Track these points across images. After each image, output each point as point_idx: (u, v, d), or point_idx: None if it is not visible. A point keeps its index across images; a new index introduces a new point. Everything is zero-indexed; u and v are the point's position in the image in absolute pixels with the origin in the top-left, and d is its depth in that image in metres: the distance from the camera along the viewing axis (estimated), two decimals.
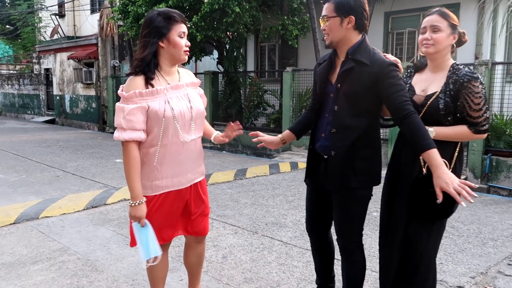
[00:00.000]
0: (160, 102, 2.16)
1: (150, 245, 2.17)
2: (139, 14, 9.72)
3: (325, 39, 2.31)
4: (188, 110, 2.25)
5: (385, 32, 10.46)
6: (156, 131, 2.17)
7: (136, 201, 2.15)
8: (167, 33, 2.16)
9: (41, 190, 6.03)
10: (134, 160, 2.15)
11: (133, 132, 2.12)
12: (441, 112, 2.16)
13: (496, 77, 6.80)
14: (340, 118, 2.29)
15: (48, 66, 18.54)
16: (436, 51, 2.20)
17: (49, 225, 4.50)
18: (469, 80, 2.10)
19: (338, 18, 2.21)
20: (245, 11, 9.17)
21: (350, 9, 2.20)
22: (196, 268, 2.65)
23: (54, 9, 19.26)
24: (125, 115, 2.11)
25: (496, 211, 5.06)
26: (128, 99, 2.12)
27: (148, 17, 2.20)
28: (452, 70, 2.19)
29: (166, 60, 2.23)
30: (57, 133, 14.21)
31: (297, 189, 6.11)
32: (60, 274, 3.33)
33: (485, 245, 3.96)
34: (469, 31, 9.14)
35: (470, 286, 3.16)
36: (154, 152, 2.21)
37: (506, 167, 6.37)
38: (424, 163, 2.20)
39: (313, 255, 2.74)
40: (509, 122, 6.91)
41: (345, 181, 2.30)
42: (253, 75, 11.70)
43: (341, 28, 2.23)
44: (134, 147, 2.14)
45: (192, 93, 2.34)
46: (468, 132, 2.15)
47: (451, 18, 2.20)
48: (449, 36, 2.20)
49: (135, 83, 2.14)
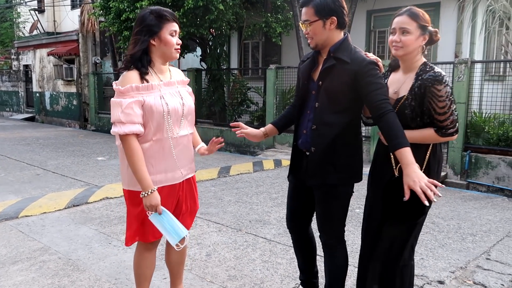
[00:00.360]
0: (155, 97, 2.19)
1: (175, 228, 2.19)
2: (121, 10, 9.60)
3: (310, 43, 2.34)
4: (180, 106, 2.29)
5: (367, 30, 10.55)
6: (150, 125, 2.20)
7: (148, 191, 2.16)
8: (158, 31, 2.20)
9: (21, 189, 5.91)
10: (137, 152, 2.16)
11: (132, 125, 2.13)
12: (408, 116, 2.16)
13: (476, 75, 6.93)
14: (320, 115, 2.32)
15: (27, 62, 18.17)
16: (405, 54, 2.19)
17: (29, 225, 4.42)
18: (432, 84, 2.07)
19: (321, 21, 2.24)
20: (228, 8, 9.14)
21: (331, 10, 2.22)
22: (178, 267, 2.64)
23: (33, 4, 18.88)
24: (123, 109, 2.11)
25: (475, 207, 5.17)
26: (124, 93, 2.14)
27: (141, 15, 2.24)
28: (419, 72, 2.16)
29: (158, 57, 2.27)
30: (37, 130, 13.95)
31: (281, 186, 6.13)
32: (40, 274, 3.28)
33: (464, 240, 4.04)
34: (449, 30, 9.34)
35: (450, 280, 3.22)
36: (148, 147, 2.23)
37: (485, 163, 6.51)
38: (396, 165, 2.22)
39: (295, 252, 2.77)
40: (488, 119, 7.06)
41: (326, 178, 2.33)
42: (237, 73, 11.67)
43: (324, 30, 2.26)
44: (134, 140, 2.16)
45: (183, 91, 2.38)
46: (434, 135, 2.12)
47: (421, 18, 2.16)
48: (419, 38, 2.16)
49: (130, 77, 2.17)
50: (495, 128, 6.94)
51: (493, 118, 7.11)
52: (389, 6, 9.93)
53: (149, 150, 2.23)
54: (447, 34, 9.23)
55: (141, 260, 2.44)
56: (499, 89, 7.10)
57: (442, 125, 2.11)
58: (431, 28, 2.20)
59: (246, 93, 10.88)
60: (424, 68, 2.16)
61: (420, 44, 2.18)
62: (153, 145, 2.23)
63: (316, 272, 2.76)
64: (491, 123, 7.04)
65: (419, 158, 2.14)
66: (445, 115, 2.09)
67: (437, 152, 2.24)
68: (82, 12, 14.23)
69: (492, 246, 3.91)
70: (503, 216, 4.78)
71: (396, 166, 2.22)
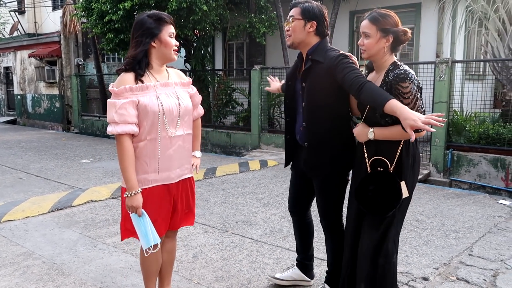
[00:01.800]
0: (150, 97, 2.26)
1: (149, 233, 2.27)
2: (103, 11, 9.51)
3: (287, 40, 2.60)
4: (176, 106, 2.34)
5: (350, 30, 10.65)
6: (145, 125, 2.27)
7: (132, 192, 2.23)
8: (158, 33, 2.29)
9: (3, 193, 5.81)
10: (128, 152, 2.23)
11: (125, 125, 2.20)
12: (376, 114, 2.22)
13: (456, 74, 7.07)
14: (308, 113, 2.55)
15: (8, 64, 17.85)
16: (369, 56, 2.30)
17: (11, 229, 4.35)
18: (397, 82, 2.13)
19: (303, 21, 2.50)
20: (212, 9, 9.13)
21: (314, 16, 2.49)
22: (167, 267, 2.65)
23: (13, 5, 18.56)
24: (117, 109, 2.19)
25: (457, 204, 5.26)
26: (119, 94, 2.21)
27: (139, 19, 2.31)
28: (387, 72, 2.24)
29: (156, 59, 2.35)
30: (19, 133, 13.72)
31: (267, 187, 6.15)
32: (24, 279, 3.23)
33: (447, 237, 4.11)
34: (430, 31, 9.50)
35: (434, 277, 3.28)
36: (143, 146, 2.29)
37: (467, 161, 6.63)
38: (368, 160, 2.29)
39: (294, 234, 3.04)
40: (469, 118, 7.19)
41: (322, 169, 2.58)
42: (221, 74, 11.66)
43: (303, 30, 2.51)
44: (127, 139, 2.23)
45: (181, 92, 2.43)
46: (402, 131, 2.13)
47: (382, 22, 2.21)
48: (380, 40, 2.22)
49: (125, 79, 2.25)
50: (476, 126, 7.08)
51: (474, 117, 7.26)
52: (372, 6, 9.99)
53: (143, 149, 2.29)
54: (428, 34, 9.38)
55: (145, 257, 2.50)
56: (479, 88, 7.24)
57: None
58: (399, 28, 2.23)
59: (231, 94, 10.88)
60: (392, 68, 2.24)
61: (382, 46, 2.24)
62: (147, 144, 2.29)
63: (310, 255, 3.02)
64: (472, 122, 7.18)
65: (390, 153, 2.23)
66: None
67: (410, 148, 2.27)
68: (64, 14, 14.03)
69: (474, 242, 3.99)
70: (484, 213, 4.88)
71: (369, 162, 2.30)
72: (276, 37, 10.65)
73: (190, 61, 10.87)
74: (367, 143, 2.33)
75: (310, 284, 3.06)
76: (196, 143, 2.66)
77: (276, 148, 9.14)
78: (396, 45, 2.26)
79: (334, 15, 9.48)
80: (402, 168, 2.24)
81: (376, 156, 2.27)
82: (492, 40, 8.12)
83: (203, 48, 10.90)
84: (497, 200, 5.43)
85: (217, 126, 10.62)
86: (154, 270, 2.56)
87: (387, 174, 2.23)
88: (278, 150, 9.04)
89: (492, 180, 6.39)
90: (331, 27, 9.58)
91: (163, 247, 2.58)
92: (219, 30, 11.35)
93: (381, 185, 2.21)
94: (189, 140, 2.49)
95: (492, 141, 6.62)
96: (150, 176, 2.31)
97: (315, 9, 2.49)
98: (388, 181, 2.21)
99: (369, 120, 2.32)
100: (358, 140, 2.37)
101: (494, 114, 7.96)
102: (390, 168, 2.23)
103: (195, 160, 2.64)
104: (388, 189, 2.19)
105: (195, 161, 2.65)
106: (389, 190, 2.19)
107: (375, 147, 2.29)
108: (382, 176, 2.23)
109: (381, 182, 2.22)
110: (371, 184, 2.22)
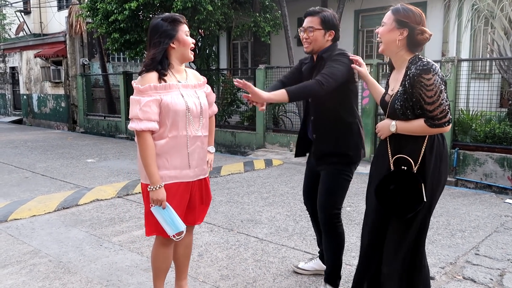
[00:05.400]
0: (172, 96, 2.32)
1: (174, 222, 2.34)
2: (109, 11, 9.54)
3: (306, 47, 2.74)
4: (196, 106, 2.42)
5: (355, 29, 10.63)
6: (167, 123, 2.33)
7: (156, 186, 2.30)
8: (176, 34, 2.36)
9: (9, 192, 5.85)
10: (151, 148, 2.29)
11: (149, 122, 2.27)
12: (398, 111, 2.17)
13: (462, 73, 7.02)
14: (315, 107, 2.77)
15: (14, 64, 17.95)
16: (383, 48, 2.25)
17: (18, 228, 4.38)
18: (420, 74, 2.06)
19: (324, 31, 2.67)
20: (217, 8, 9.14)
21: (333, 25, 2.68)
22: (184, 261, 2.71)
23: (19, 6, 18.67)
24: (141, 106, 2.25)
25: (463, 203, 5.24)
26: (143, 92, 2.28)
27: (154, 24, 2.37)
28: (409, 66, 2.16)
29: (176, 59, 2.42)
30: (25, 133, 13.80)
31: (272, 186, 6.15)
32: (31, 277, 3.25)
33: (453, 236, 4.09)
34: (436, 29, 9.45)
35: (440, 276, 3.26)
36: (164, 143, 2.35)
37: (473, 160, 6.60)
38: (391, 159, 2.22)
39: (312, 226, 3.19)
40: (475, 117, 7.15)
41: (327, 158, 2.74)
42: (226, 73, 11.67)
43: (323, 39, 2.69)
44: (149, 136, 2.29)
45: (199, 92, 2.50)
46: (424, 126, 2.10)
47: (402, 15, 2.17)
48: (392, 30, 2.17)
49: (149, 77, 2.31)
50: (482, 125, 7.04)
51: (480, 116, 7.21)
52: (377, 5, 10.01)
53: (164, 146, 2.34)
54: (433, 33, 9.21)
55: (157, 254, 2.54)
56: (485, 87, 7.20)
57: (431, 115, 2.08)
58: (416, 26, 2.16)
59: (236, 93, 10.88)
60: (414, 61, 2.16)
61: (395, 37, 2.17)
62: (168, 141, 2.35)
63: None
64: (478, 121, 7.14)
65: (414, 152, 2.15)
66: (434, 104, 2.06)
67: (435, 147, 2.17)
68: (70, 14, 14.10)
69: (481, 241, 3.96)
70: (491, 212, 4.85)
71: (392, 159, 2.22)
72: (281, 36, 10.63)
73: (195, 61, 10.87)
74: (390, 139, 2.25)
75: None
76: (210, 138, 2.70)
77: (281, 147, 9.14)
78: (412, 42, 2.17)
79: (339, 14, 9.45)
80: (425, 168, 2.14)
81: (400, 154, 2.19)
82: (499, 38, 8.07)
83: (208, 47, 10.92)
84: (504, 200, 5.40)
85: (222, 125, 10.63)
86: (165, 268, 2.59)
87: (410, 174, 2.13)
88: (283, 149, 9.03)
89: (499, 179, 6.35)
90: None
91: (180, 241, 2.59)
92: (224, 30, 11.35)
93: (403, 185, 2.13)
94: (206, 141, 2.55)
95: (499, 140, 6.58)
96: (170, 173, 2.37)
97: (333, 19, 2.67)
98: (410, 181, 2.12)
99: (392, 116, 2.25)
100: (380, 136, 2.31)
101: (501, 113, 7.90)
102: (414, 167, 2.14)
103: (209, 156, 2.67)
104: (409, 190, 2.11)
105: (209, 157, 2.67)
106: (410, 191, 2.11)
107: (399, 144, 2.21)
108: (404, 176, 2.15)
109: (403, 181, 2.13)
110: (392, 183, 2.14)
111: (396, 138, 2.23)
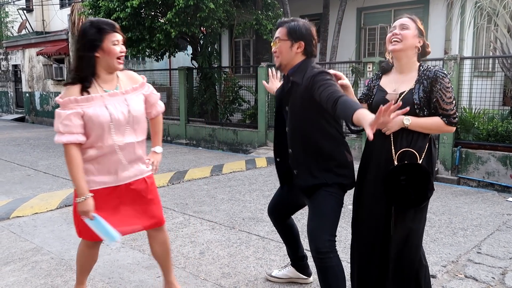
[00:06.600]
0: (95, 108, 2.29)
1: (108, 231, 2.33)
2: (111, 9, 9.53)
3: (275, 61, 2.48)
4: (123, 115, 2.36)
5: (357, 27, 10.59)
6: (93, 134, 2.32)
7: (82, 197, 2.30)
8: (100, 44, 2.29)
9: (12, 190, 5.87)
10: (75, 160, 2.30)
11: (70, 135, 2.27)
12: (416, 106, 2.26)
13: (465, 71, 7.00)
14: (292, 139, 2.47)
15: (16, 62, 17.97)
16: (402, 48, 2.28)
17: (20, 225, 4.39)
18: (442, 77, 2.25)
19: (289, 41, 2.39)
20: (219, 6, 9.12)
21: (301, 36, 2.37)
22: (164, 258, 2.69)
23: (21, 3, 18.68)
24: (62, 120, 2.26)
25: (466, 202, 5.22)
26: (64, 105, 2.28)
27: (82, 28, 2.34)
28: (422, 70, 2.31)
29: (103, 68, 2.36)
30: (27, 131, 13.83)
31: (274, 184, 6.15)
32: (33, 274, 3.26)
33: (455, 235, 4.09)
34: (438, 27, 9.42)
35: (442, 274, 3.26)
36: (91, 152, 2.36)
37: (475, 159, 6.58)
38: (395, 154, 2.27)
39: (280, 236, 2.97)
40: (477, 115, 7.13)
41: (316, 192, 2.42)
42: (228, 71, 11.65)
43: (290, 51, 2.39)
44: (73, 148, 2.29)
45: (132, 98, 2.42)
46: (441, 123, 2.27)
47: (419, 24, 2.35)
48: (416, 36, 2.31)
49: (72, 90, 2.30)
50: (484, 123, 7.02)
51: (483, 114, 7.19)
52: (379, 3, 9.99)
53: (92, 155, 2.36)
54: (436, 31, 9.31)
55: (82, 254, 2.60)
56: (488, 85, 7.18)
57: (449, 113, 2.26)
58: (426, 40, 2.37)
59: (238, 92, 10.87)
60: (426, 66, 2.32)
61: (416, 44, 2.32)
62: (96, 151, 2.35)
63: (301, 256, 2.96)
64: (480, 119, 7.12)
65: (421, 147, 2.29)
66: (451, 104, 2.26)
67: (433, 148, 2.36)
68: (72, 12, 14.10)
69: (482, 240, 3.96)
70: (493, 211, 4.84)
71: (396, 155, 2.28)
72: None
73: (197, 59, 10.87)
74: (396, 135, 2.29)
75: (308, 281, 3.05)
76: (156, 138, 2.70)
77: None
78: (423, 52, 2.36)
79: (341, 12, 9.44)
80: (431, 159, 2.32)
81: (406, 148, 2.28)
82: (501, 36, 8.04)
83: (209, 45, 10.90)
84: (506, 198, 5.39)
85: (223, 123, 10.63)
86: (89, 266, 2.66)
87: (419, 166, 2.26)
88: None
89: (501, 177, 6.34)
90: (338, 24, 9.54)
91: (154, 240, 2.61)
92: (226, 27, 11.33)
93: (412, 177, 2.23)
94: (141, 146, 2.49)
95: (501, 139, 6.55)
96: (97, 178, 2.38)
97: (301, 29, 2.37)
98: (419, 173, 2.24)
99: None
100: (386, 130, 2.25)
101: (503, 111, 7.88)
102: (419, 160, 2.27)
103: (155, 157, 2.65)
104: (419, 181, 2.23)
105: (155, 158, 2.65)
106: (420, 181, 2.23)
107: (406, 140, 2.29)
108: (413, 168, 2.25)
109: (412, 174, 2.24)
110: (401, 175, 2.24)
111: (404, 134, 2.29)
